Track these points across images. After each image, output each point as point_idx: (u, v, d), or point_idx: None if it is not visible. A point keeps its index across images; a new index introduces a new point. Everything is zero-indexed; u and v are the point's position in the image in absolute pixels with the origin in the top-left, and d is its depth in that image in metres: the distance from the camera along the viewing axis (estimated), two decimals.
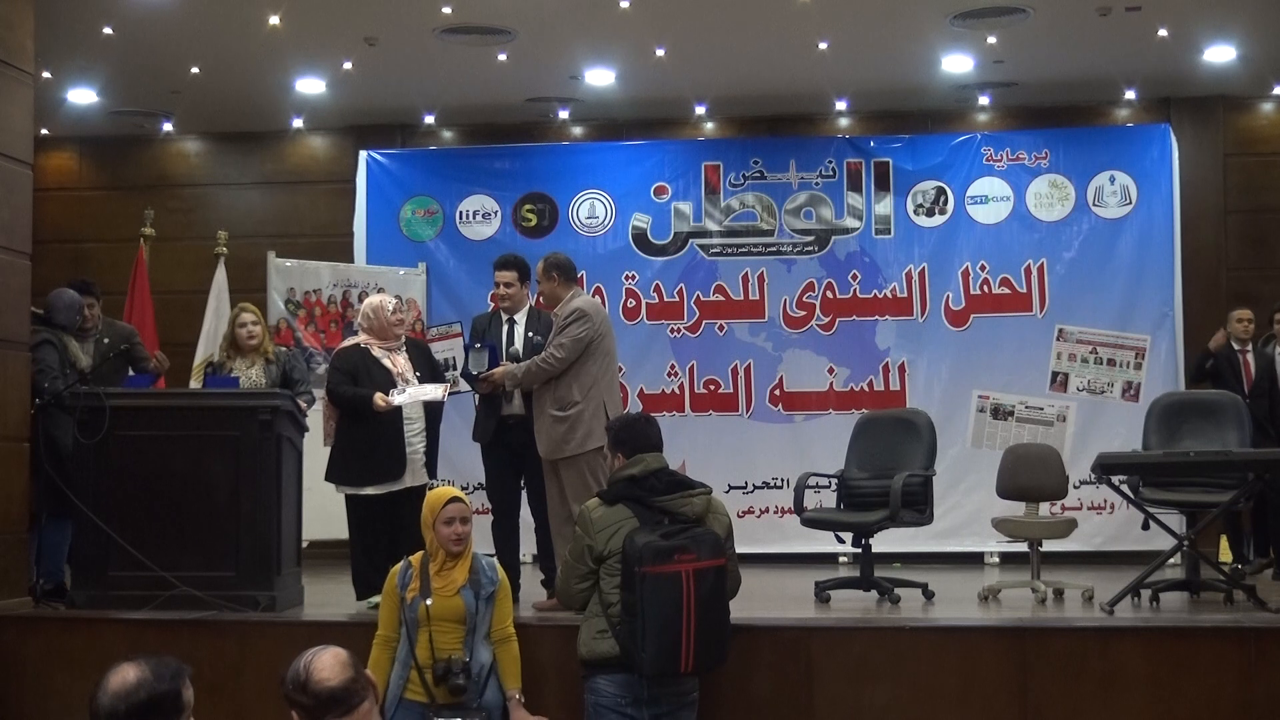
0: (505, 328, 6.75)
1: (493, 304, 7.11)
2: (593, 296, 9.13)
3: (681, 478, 5.06)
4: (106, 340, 7.25)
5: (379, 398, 6.35)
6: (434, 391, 6.47)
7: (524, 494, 6.73)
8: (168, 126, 10.83)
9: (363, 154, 10.31)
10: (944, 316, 9.67)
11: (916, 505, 6.86)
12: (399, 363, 6.59)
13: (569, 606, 5.18)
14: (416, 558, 5.22)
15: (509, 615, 5.26)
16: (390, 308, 6.68)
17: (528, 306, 6.86)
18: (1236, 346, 8.36)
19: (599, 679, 4.93)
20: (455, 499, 5.16)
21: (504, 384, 6.45)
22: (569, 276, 6.57)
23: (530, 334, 6.70)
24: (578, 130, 10.71)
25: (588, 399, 6.24)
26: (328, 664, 2.87)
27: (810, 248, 9.85)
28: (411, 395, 6.43)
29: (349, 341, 6.81)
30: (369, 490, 6.39)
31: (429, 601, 5.06)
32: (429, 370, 6.72)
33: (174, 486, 6.21)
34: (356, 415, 6.43)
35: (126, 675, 2.65)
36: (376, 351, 6.59)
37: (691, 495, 4.99)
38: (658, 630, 4.74)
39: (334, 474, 6.52)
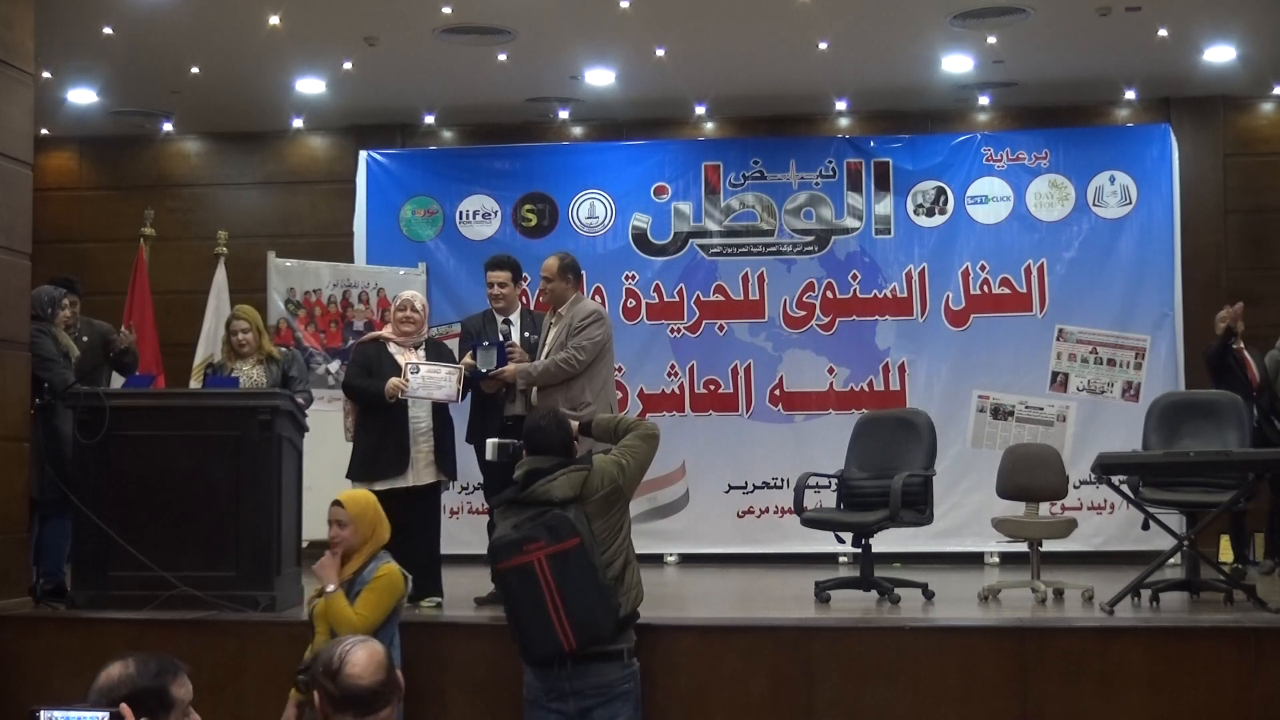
0: (501, 329, 6.75)
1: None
2: (591, 298, 9.16)
3: (550, 466, 5.03)
4: (85, 339, 7.25)
5: (390, 385, 6.38)
6: (448, 387, 6.46)
7: None
8: (168, 126, 10.83)
9: (363, 154, 10.31)
10: (944, 316, 9.67)
11: (916, 505, 6.86)
12: (412, 359, 6.61)
13: None
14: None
15: (366, 603, 5.05)
16: (398, 303, 6.82)
17: (520, 306, 6.89)
18: (1233, 345, 8.32)
19: (526, 674, 5.08)
20: (334, 503, 5.21)
21: (513, 382, 6.44)
22: (579, 278, 6.69)
23: (526, 334, 6.72)
24: (578, 130, 10.71)
25: (599, 400, 6.27)
26: (363, 660, 2.85)
27: (810, 248, 9.85)
28: (424, 387, 6.43)
29: (370, 334, 7.01)
30: (376, 486, 6.41)
31: (314, 603, 5.10)
32: None
33: (174, 486, 6.20)
34: (371, 408, 6.51)
35: (112, 672, 2.69)
36: (392, 347, 6.67)
37: (551, 480, 4.99)
38: (528, 620, 4.91)
39: (350, 469, 6.60)
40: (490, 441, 6.07)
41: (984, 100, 10.23)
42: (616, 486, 5.04)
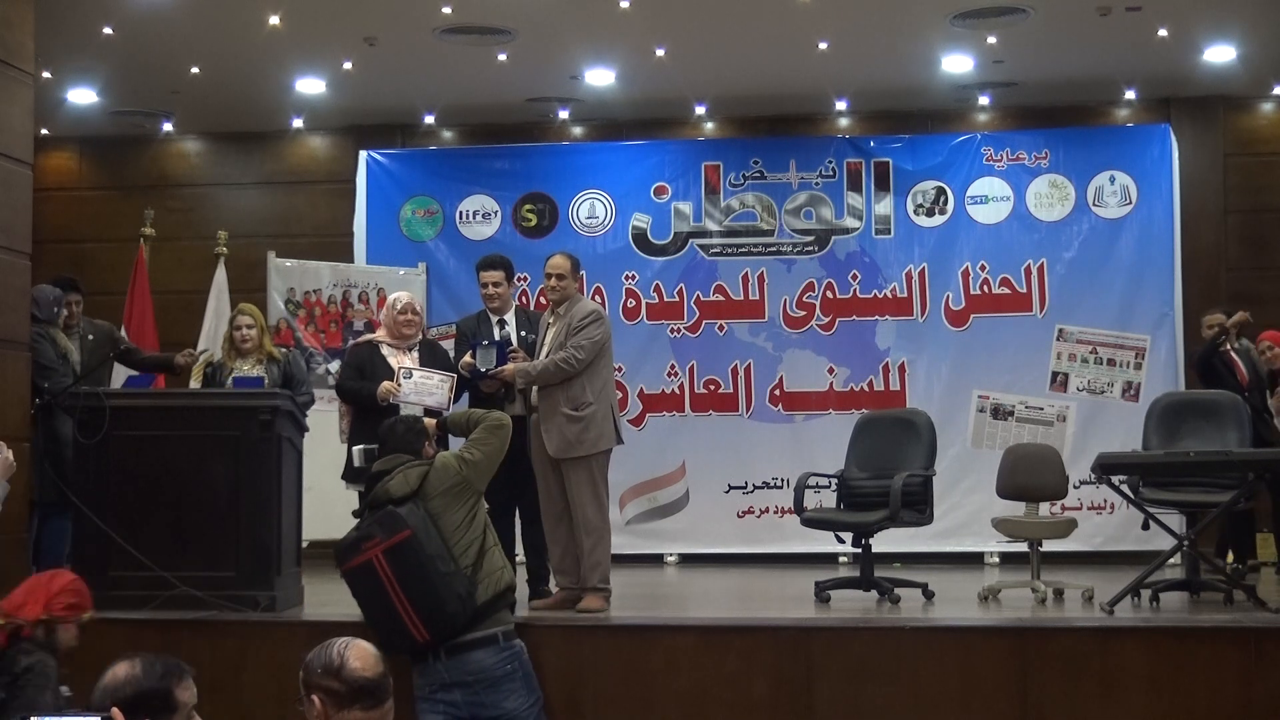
0: (497, 329, 6.75)
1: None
2: (591, 298, 9.17)
3: (390, 467, 5.29)
4: (91, 338, 7.25)
5: (383, 388, 6.39)
6: (439, 394, 6.46)
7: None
8: (168, 126, 10.83)
9: (363, 154, 10.32)
10: (944, 316, 9.68)
11: (916, 505, 6.86)
12: (406, 363, 6.60)
13: None
14: None
15: None
16: (399, 305, 6.76)
17: (514, 306, 6.90)
18: (1221, 349, 8.31)
19: (412, 671, 5.20)
20: None
21: (512, 382, 6.44)
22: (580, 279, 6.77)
23: (522, 333, 6.72)
24: (578, 130, 10.71)
25: (600, 399, 6.26)
26: (364, 654, 2.91)
27: (810, 248, 9.85)
28: (416, 393, 6.42)
29: (364, 337, 7.00)
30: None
31: None
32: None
33: (174, 486, 6.20)
34: (364, 410, 6.53)
35: (118, 671, 2.71)
36: (385, 349, 6.66)
37: (389, 479, 5.24)
38: (378, 615, 5.11)
39: (344, 470, 6.60)
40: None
41: (984, 100, 10.23)
42: (462, 479, 5.29)
